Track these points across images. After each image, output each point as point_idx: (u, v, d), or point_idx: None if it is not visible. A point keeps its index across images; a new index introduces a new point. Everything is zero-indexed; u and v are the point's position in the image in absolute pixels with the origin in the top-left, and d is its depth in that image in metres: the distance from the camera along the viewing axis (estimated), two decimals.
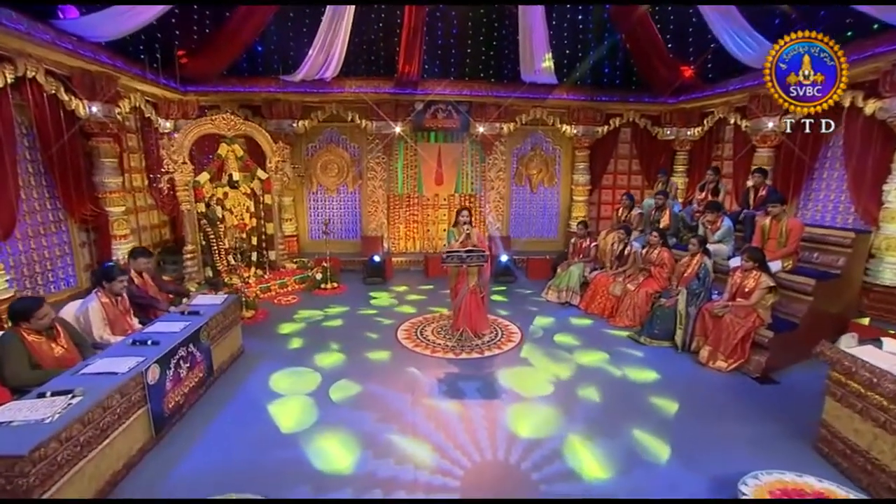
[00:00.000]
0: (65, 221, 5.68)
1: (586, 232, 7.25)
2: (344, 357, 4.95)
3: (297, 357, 4.92)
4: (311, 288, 7.33)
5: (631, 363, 4.86)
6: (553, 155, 9.45)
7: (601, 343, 5.39)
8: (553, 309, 6.66)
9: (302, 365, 4.73)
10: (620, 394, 4.24)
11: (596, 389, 4.29)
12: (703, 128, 8.41)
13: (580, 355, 5.05)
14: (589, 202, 9.44)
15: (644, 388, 4.34)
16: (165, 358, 3.51)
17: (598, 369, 4.73)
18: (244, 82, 7.74)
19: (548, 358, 4.99)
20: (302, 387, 4.27)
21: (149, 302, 4.39)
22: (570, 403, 4.04)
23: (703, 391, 4.28)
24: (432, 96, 8.21)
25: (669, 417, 3.82)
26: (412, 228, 9.26)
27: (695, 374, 4.65)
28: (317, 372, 4.58)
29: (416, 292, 7.45)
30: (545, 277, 7.69)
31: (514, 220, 9.59)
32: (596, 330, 5.88)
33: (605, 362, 4.88)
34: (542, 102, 8.58)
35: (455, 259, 5.08)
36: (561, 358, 4.99)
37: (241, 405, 3.96)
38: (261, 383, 4.33)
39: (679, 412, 3.89)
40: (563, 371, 4.68)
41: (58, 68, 5.24)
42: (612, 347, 5.26)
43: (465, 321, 5.34)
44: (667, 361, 4.89)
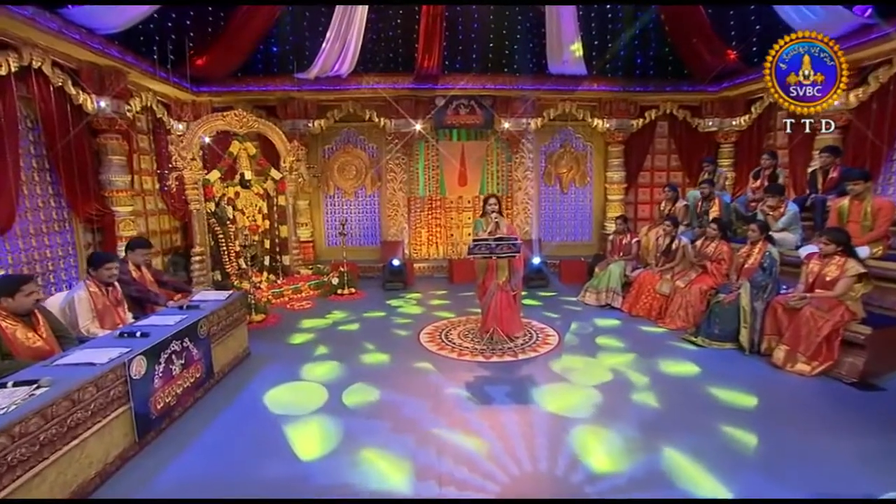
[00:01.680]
0: (69, 220, 5.50)
1: (626, 227, 6.69)
2: (359, 361, 4.52)
3: (307, 360, 4.51)
4: (327, 293, 6.98)
5: (691, 366, 4.24)
6: (584, 152, 8.99)
7: (651, 346, 4.80)
8: (593, 312, 6.10)
9: (313, 369, 4.31)
10: (683, 400, 3.64)
11: (652, 394, 3.71)
12: (751, 116, 7.82)
13: (628, 358, 4.48)
14: (625, 202, 8.88)
15: (711, 393, 3.72)
16: (154, 351, 3.13)
17: (651, 373, 4.13)
18: (258, 81, 7.64)
19: (592, 361, 4.45)
20: (311, 393, 3.83)
21: (145, 296, 4.07)
22: (623, 409, 3.47)
23: (786, 399, 3.62)
24: (454, 91, 7.92)
25: (747, 427, 3.19)
26: (435, 233, 8.89)
27: (772, 379, 3.98)
28: (329, 377, 4.15)
29: (440, 297, 7.02)
30: (580, 282, 7.15)
31: (544, 222, 9.11)
32: (643, 332, 5.28)
33: (659, 366, 4.28)
34: (570, 95, 8.19)
35: (483, 249, 4.60)
36: (607, 361, 4.44)
37: (241, 411, 3.54)
38: (266, 388, 3.91)
39: (759, 421, 3.25)
40: (610, 374, 4.12)
41: (65, 60, 5.14)
42: (665, 350, 4.66)
43: (496, 322, 4.84)
44: (733, 364, 4.26)
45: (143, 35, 6.05)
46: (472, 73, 8.00)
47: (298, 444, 3.02)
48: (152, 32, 6.18)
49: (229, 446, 3.03)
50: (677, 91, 8.24)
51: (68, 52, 5.11)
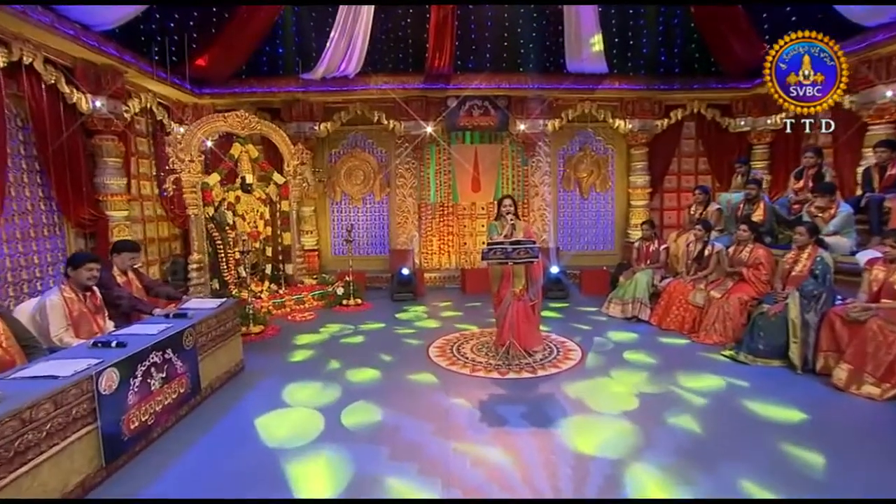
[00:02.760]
0: (60, 225, 5.33)
1: (653, 232, 6.31)
2: (363, 376, 4.22)
3: (305, 376, 4.22)
4: (332, 304, 6.71)
5: (734, 387, 3.83)
6: (605, 155, 8.65)
7: (686, 362, 4.39)
8: (618, 325, 5.72)
9: (310, 385, 4.02)
10: (729, 424, 3.24)
11: (692, 418, 3.32)
12: (788, 114, 7.38)
13: (660, 376, 4.08)
14: (649, 208, 8.48)
15: (760, 419, 3.32)
16: (130, 363, 2.86)
17: (689, 393, 3.73)
18: (262, 83, 7.49)
19: (619, 379, 4.08)
20: (307, 413, 3.53)
21: (130, 303, 3.82)
22: (659, 434, 3.08)
23: (855, 427, 3.17)
24: (466, 91, 7.66)
25: (809, 457, 2.78)
26: (446, 241, 8.59)
27: (833, 402, 3.54)
28: (327, 394, 3.85)
29: (452, 309, 6.70)
30: (602, 292, 6.78)
31: (563, 229, 8.76)
32: (675, 347, 4.88)
33: (696, 385, 3.88)
34: (590, 94, 7.88)
35: (498, 254, 4.27)
36: (636, 378, 4.06)
37: (228, 433, 3.25)
38: (258, 406, 3.62)
39: (823, 451, 2.83)
40: (641, 394, 3.74)
41: (59, 57, 5.02)
42: (701, 367, 4.25)
43: (512, 334, 4.49)
44: (784, 385, 3.83)
45: (142, 33, 5.94)
46: (486, 72, 7.77)
47: (289, 473, 2.70)
48: (152, 30, 6.06)
49: (211, 474, 2.72)
50: (705, 89, 7.87)
51: (62, 49, 4.98)
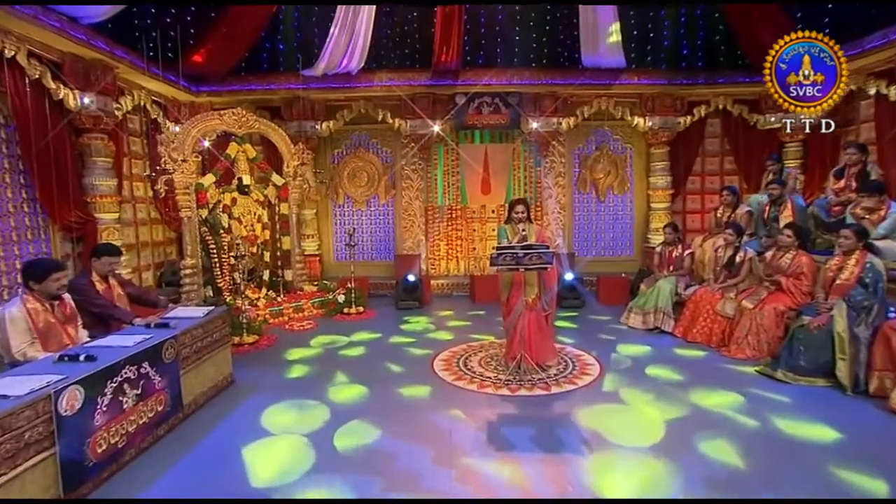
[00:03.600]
0: (45, 228, 5.19)
1: (677, 237, 5.98)
2: (360, 392, 3.99)
3: (299, 390, 4.00)
4: (332, 313, 6.49)
5: (773, 408, 3.52)
6: (623, 155, 8.35)
7: (717, 379, 4.08)
8: (639, 336, 5.41)
9: (304, 400, 3.79)
10: (772, 455, 2.92)
11: (728, 445, 3.00)
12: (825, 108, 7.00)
13: (690, 395, 3.78)
14: (671, 211, 8.14)
15: (807, 445, 3.00)
16: (98, 379, 2.64)
17: (722, 416, 3.44)
18: (261, 80, 7.34)
19: (642, 397, 3.79)
20: (299, 428, 3.31)
21: (109, 312, 3.62)
22: (690, 467, 2.78)
23: None
24: (476, 88, 7.45)
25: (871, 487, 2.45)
26: (455, 246, 8.35)
27: (891, 429, 3.19)
28: (322, 410, 3.63)
29: (460, 318, 6.44)
30: (621, 302, 6.51)
31: (579, 234, 8.48)
32: (704, 362, 4.56)
33: (730, 406, 3.58)
34: (607, 90, 7.60)
35: (508, 259, 4.00)
36: (662, 397, 3.77)
37: (210, 455, 3.02)
38: (245, 424, 3.41)
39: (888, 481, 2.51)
40: (667, 416, 3.43)
41: (44, 51, 4.89)
42: (735, 385, 3.93)
43: (523, 347, 4.22)
44: (832, 408, 3.49)
45: (136, 27, 5.78)
46: (497, 68, 7.54)
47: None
48: (146, 24, 5.91)
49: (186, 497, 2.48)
50: (732, 83, 7.53)
51: (47, 42, 4.85)
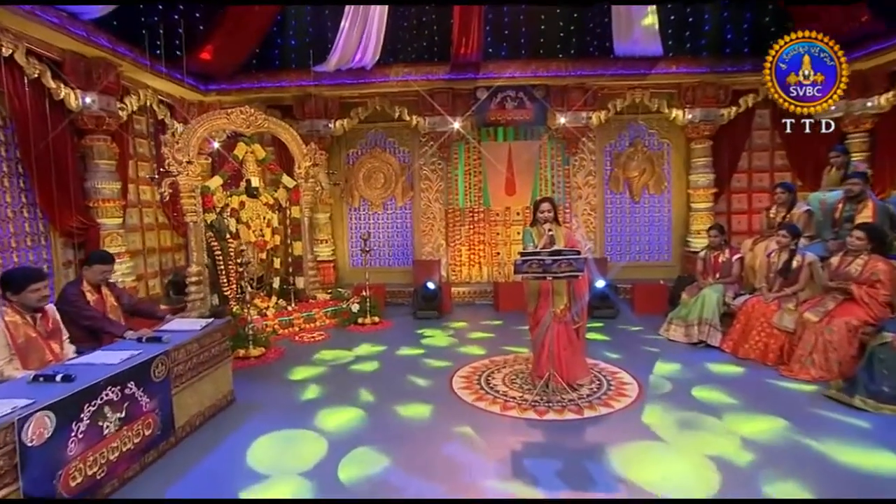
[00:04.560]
0: (46, 234, 5.13)
1: (723, 239, 5.55)
2: (370, 413, 3.73)
3: (303, 411, 3.78)
4: (346, 323, 6.29)
5: (852, 441, 3.09)
6: (660, 151, 7.94)
7: (779, 405, 3.67)
8: (681, 351, 5.01)
9: (308, 423, 3.56)
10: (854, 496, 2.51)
11: (800, 487, 2.62)
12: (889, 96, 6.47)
13: (746, 423, 3.41)
14: (714, 211, 7.67)
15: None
16: (73, 402, 2.44)
17: (789, 450, 3.04)
18: (272, 76, 7.23)
19: (692, 422, 3.44)
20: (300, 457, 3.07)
21: (99, 325, 3.45)
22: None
23: None
24: (498, 81, 7.17)
25: None
26: (477, 251, 8.08)
27: None
28: (327, 434, 3.38)
29: (483, 329, 6.15)
30: (660, 311, 6.13)
31: (611, 237, 8.12)
32: (760, 383, 4.15)
33: (798, 439, 3.18)
34: (642, 80, 7.21)
35: (534, 267, 3.69)
36: (714, 427, 3.38)
37: (203, 480, 2.83)
38: (243, 448, 3.18)
39: None
40: (721, 447, 3.07)
41: (44, 49, 4.82)
42: (801, 413, 3.52)
43: (552, 364, 3.89)
44: None
45: (139, 23, 5.70)
46: (521, 60, 7.30)
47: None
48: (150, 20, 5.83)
49: None
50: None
51: (46, 39, 4.78)
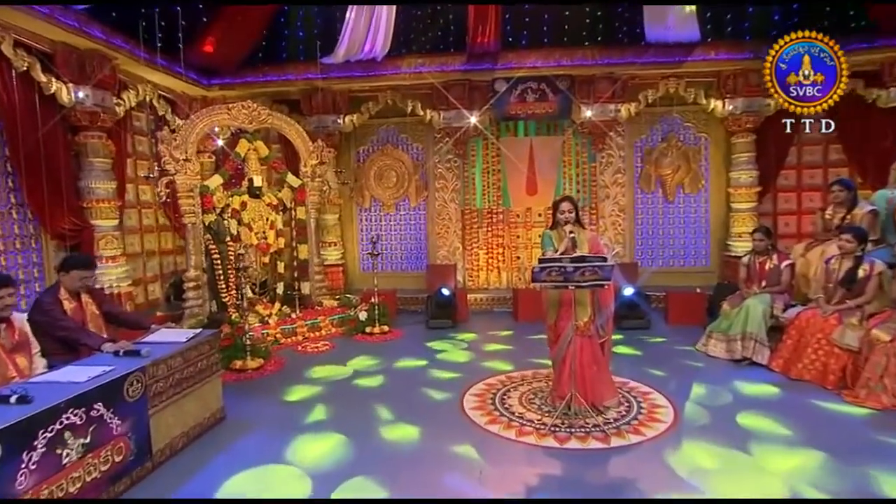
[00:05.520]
0: (36, 236, 5.07)
1: (770, 243, 5.12)
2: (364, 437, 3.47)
3: (299, 431, 3.55)
4: (353, 332, 6.10)
5: None
6: (697, 146, 7.58)
7: (846, 439, 3.27)
8: (722, 369, 4.64)
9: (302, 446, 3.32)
10: None
11: None
12: None
13: (805, 459, 3.02)
14: (758, 212, 7.22)
15: None
16: (23, 429, 2.24)
17: (854, 492, 2.64)
18: (278, 69, 7.11)
19: (739, 459, 3.07)
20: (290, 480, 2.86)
21: (74, 336, 3.28)
22: None
23: None
24: (519, 72, 6.92)
25: None
26: (496, 255, 7.87)
27: None
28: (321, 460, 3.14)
29: (499, 340, 5.88)
30: (697, 322, 5.82)
31: (641, 240, 7.81)
32: (818, 410, 3.75)
33: (875, 481, 2.77)
34: (677, 68, 6.84)
35: (554, 274, 3.39)
36: (766, 461, 3.02)
37: None
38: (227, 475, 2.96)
39: None
40: (776, 489, 2.70)
41: (33, 41, 4.76)
42: (875, 450, 3.12)
43: (575, 383, 3.58)
44: None
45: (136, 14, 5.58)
46: (543, 48, 7.04)
47: None
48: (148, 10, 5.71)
49: None
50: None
51: (36, 31, 4.71)
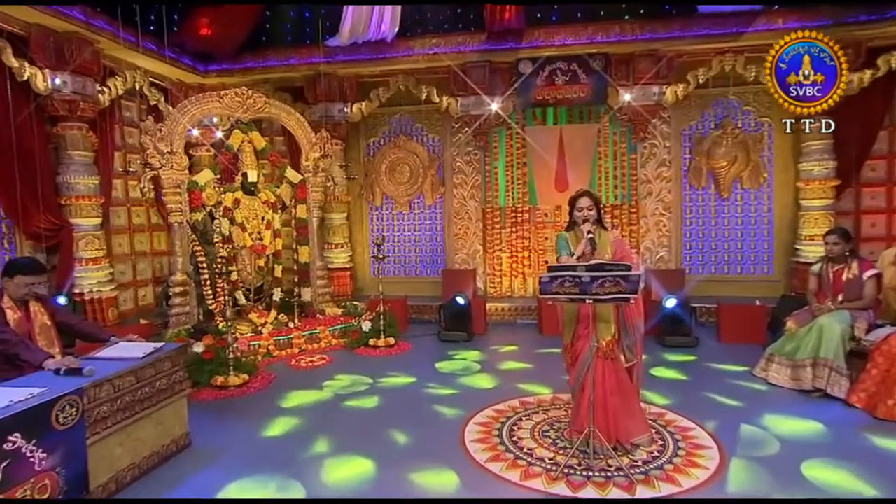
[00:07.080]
0: (10, 236, 5.08)
1: (848, 249, 4.52)
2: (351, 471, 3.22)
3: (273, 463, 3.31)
4: (355, 344, 5.89)
5: None
6: (758, 133, 7.07)
7: None
8: (785, 402, 4.13)
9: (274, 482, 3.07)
10: None
11: None
12: None
13: None
14: (835, 211, 6.59)
15: None
16: None
17: None
18: (280, 54, 7.01)
19: None
20: None
21: (13, 351, 3.08)
22: None
23: None
24: (547, 51, 6.62)
25: None
26: (520, 259, 7.66)
27: None
28: None
29: (519, 357, 5.56)
30: (755, 341, 5.46)
31: (690, 244, 7.42)
32: None
33: None
34: (735, 42, 6.30)
35: (566, 285, 2.97)
36: None
37: None
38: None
39: None
40: None
41: (4, 22, 4.77)
42: None
43: (596, 417, 3.15)
44: None
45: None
46: (574, 23, 6.71)
47: None
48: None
49: None
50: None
51: (7, 11, 4.69)
